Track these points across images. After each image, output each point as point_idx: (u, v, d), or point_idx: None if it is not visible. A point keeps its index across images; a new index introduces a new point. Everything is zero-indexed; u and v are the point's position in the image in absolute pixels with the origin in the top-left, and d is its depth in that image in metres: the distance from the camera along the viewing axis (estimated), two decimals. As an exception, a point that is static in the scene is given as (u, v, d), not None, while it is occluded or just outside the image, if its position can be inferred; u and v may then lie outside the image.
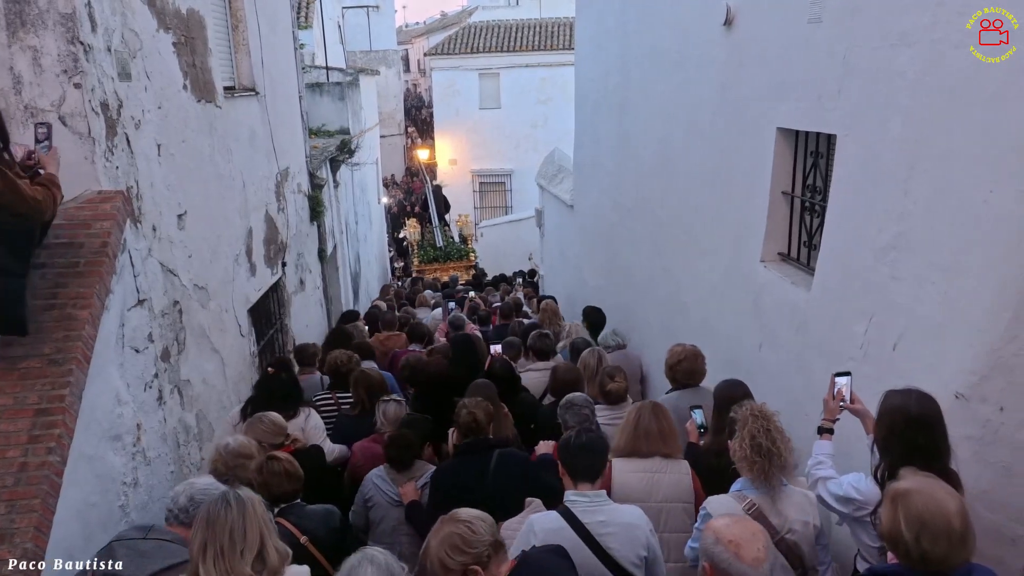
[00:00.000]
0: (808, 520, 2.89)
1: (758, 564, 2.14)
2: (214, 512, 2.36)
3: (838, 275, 3.91)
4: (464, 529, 2.30)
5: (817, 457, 3.10)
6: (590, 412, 3.96)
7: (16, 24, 3.55)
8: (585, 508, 2.79)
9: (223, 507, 2.36)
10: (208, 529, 2.33)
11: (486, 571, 2.27)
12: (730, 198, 5.36)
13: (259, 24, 6.96)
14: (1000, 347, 2.83)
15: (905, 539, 2.15)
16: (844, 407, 3.24)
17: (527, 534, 2.83)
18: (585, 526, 2.74)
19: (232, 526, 2.32)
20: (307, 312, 8.64)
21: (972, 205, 2.92)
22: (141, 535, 2.78)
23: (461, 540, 2.27)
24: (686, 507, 3.33)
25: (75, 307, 3.41)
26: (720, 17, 5.23)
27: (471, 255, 20.85)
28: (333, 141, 11.78)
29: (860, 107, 3.68)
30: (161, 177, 4.51)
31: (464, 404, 3.89)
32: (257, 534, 2.35)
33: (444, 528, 2.33)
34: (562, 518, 2.78)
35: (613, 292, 8.65)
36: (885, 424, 2.78)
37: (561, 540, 2.66)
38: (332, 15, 22.45)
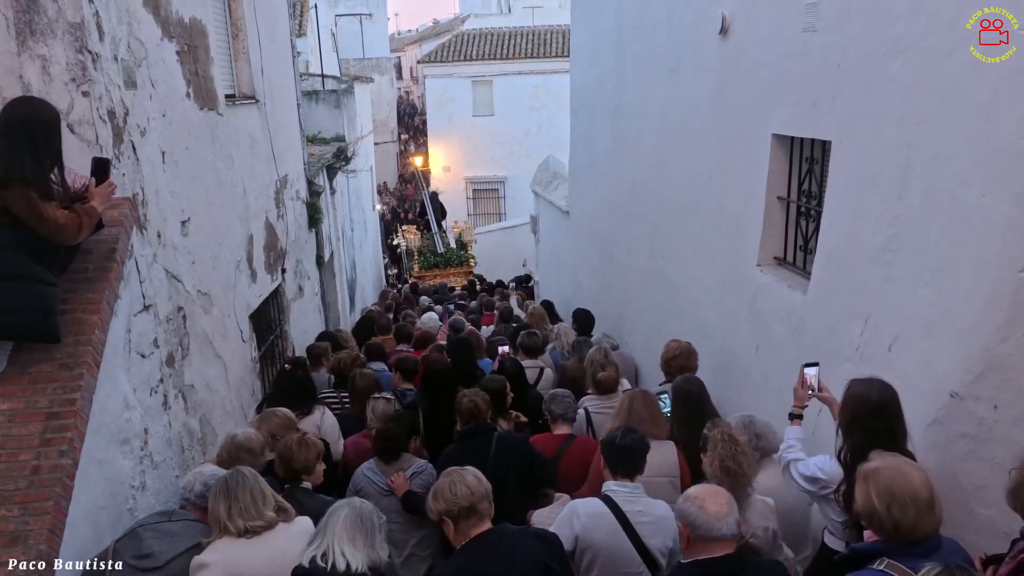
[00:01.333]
0: (768, 526, 3.10)
1: (721, 516, 2.41)
2: (232, 482, 2.85)
3: (834, 278, 3.98)
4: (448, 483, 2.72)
5: (788, 441, 3.35)
6: (572, 401, 4.34)
7: (26, 33, 3.60)
8: (625, 498, 3.06)
9: (239, 477, 2.85)
10: (231, 496, 2.82)
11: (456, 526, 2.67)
12: (726, 203, 5.44)
13: (259, 33, 7.01)
14: (993, 346, 2.90)
15: (878, 512, 2.34)
16: (813, 395, 3.49)
17: (569, 517, 3.09)
18: (625, 514, 3.00)
19: (251, 488, 2.82)
20: (306, 318, 8.67)
21: (964, 208, 3.00)
22: (165, 518, 3.11)
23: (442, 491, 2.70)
24: (672, 480, 3.64)
25: (85, 312, 3.45)
26: (716, 25, 5.32)
27: (471, 261, 20.94)
28: (329, 148, 11.84)
29: (854, 113, 3.76)
30: (165, 184, 4.56)
31: (465, 393, 4.16)
32: (271, 494, 2.86)
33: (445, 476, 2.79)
34: (604, 504, 3.03)
35: (609, 296, 8.72)
36: (848, 411, 2.98)
37: (603, 524, 2.95)
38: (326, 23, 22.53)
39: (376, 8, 35.52)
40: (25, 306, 3.17)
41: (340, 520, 2.54)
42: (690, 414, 3.85)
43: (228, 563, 2.80)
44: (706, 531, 2.41)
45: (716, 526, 2.40)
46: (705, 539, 2.42)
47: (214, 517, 2.90)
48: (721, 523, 2.40)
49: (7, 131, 3.13)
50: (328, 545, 2.50)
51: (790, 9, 4.35)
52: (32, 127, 3.16)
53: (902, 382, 3.36)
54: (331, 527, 2.53)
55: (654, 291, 7.16)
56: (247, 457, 3.66)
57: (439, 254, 21.00)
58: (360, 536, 2.51)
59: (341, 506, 2.61)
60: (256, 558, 2.77)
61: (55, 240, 3.26)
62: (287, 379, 5.04)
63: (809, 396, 3.50)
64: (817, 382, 3.52)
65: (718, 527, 2.40)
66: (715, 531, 2.40)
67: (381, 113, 31.47)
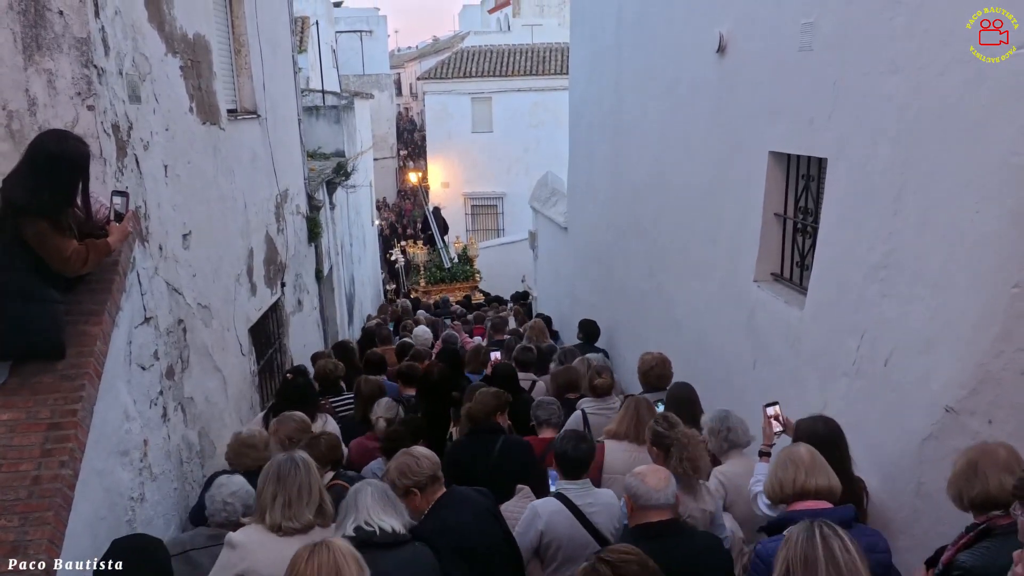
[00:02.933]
0: (706, 508, 3.48)
1: (659, 488, 2.87)
2: (284, 469, 2.86)
3: (830, 293, 4.02)
4: (412, 461, 3.15)
5: (756, 476, 3.61)
6: (557, 408, 4.76)
7: (32, 48, 3.64)
8: (576, 494, 3.47)
9: (292, 466, 2.86)
10: (279, 483, 2.83)
11: (423, 494, 3.13)
12: (723, 219, 5.48)
13: (261, 49, 7.08)
14: (987, 361, 2.94)
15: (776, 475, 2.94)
16: (781, 432, 3.69)
17: (532, 518, 3.45)
18: (579, 507, 3.41)
19: (300, 481, 2.83)
20: (305, 332, 8.70)
21: (959, 224, 3.04)
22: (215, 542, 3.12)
23: (408, 468, 3.13)
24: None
25: (87, 323, 3.48)
26: (713, 44, 5.39)
27: (476, 275, 21.02)
28: (329, 164, 11.90)
29: (850, 131, 3.81)
30: (168, 197, 4.59)
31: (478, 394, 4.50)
32: (318, 491, 2.87)
33: (400, 457, 3.22)
34: (560, 502, 3.44)
35: (607, 311, 8.75)
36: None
37: (562, 519, 3.38)
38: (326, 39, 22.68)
39: (376, 25, 35.83)
40: (35, 325, 3.25)
41: (368, 495, 2.84)
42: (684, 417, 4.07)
43: (254, 555, 2.81)
44: (646, 500, 2.87)
45: (655, 496, 2.86)
46: (645, 507, 2.88)
47: (259, 500, 2.91)
48: (659, 494, 2.86)
49: (33, 163, 3.24)
50: (366, 515, 2.79)
51: (787, 28, 4.41)
52: (58, 163, 3.26)
53: (898, 397, 3.40)
54: (362, 502, 2.82)
55: (652, 306, 7.19)
56: (251, 453, 3.92)
57: (446, 269, 21.08)
58: (389, 506, 2.86)
59: (363, 485, 2.92)
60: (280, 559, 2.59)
61: (58, 270, 3.35)
62: (290, 387, 5.20)
63: (777, 434, 3.71)
64: (782, 417, 3.72)
65: (656, 497, 2.86)
66: (653, 500, 2.86)
67: (381, 129, 31.62)
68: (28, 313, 3.24)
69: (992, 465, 2.59)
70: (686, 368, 5.69)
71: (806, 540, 2.15)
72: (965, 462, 2.66)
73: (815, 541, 2.13)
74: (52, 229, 3.26)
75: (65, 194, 3.34)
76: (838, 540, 2.14)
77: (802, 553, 2.13)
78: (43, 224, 3.22)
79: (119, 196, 3.64)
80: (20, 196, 3.19)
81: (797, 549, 2.15)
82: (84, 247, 3.38)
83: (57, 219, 3.28)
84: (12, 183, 3.24)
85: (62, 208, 3.32)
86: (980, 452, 2.66)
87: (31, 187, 3.20)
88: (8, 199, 3.22)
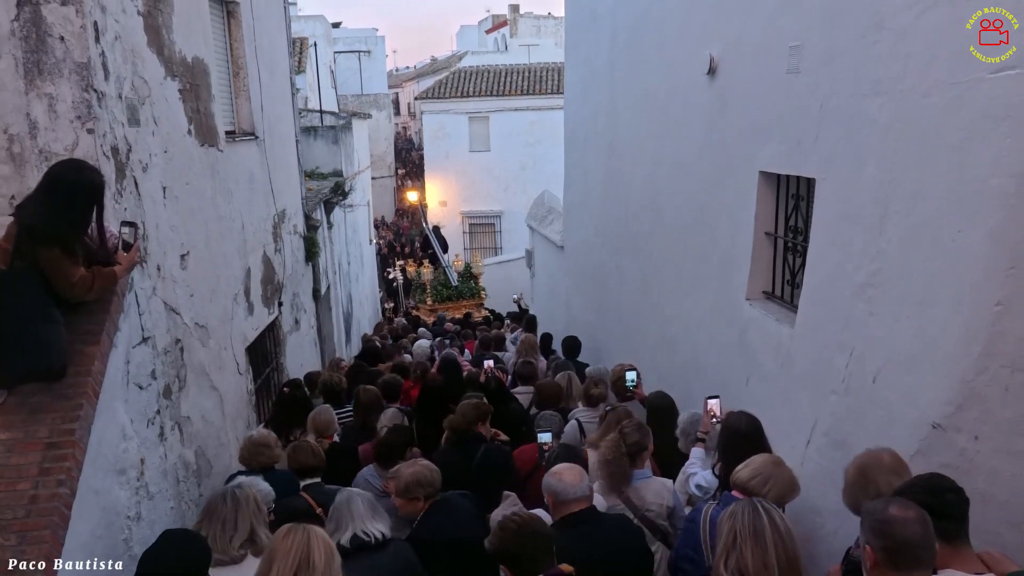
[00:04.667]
0: (662, 502, 3.81)
1: (574, 484, 3.18)
2: (213, 504, 3.05)
3: (819, 311, 4.07)
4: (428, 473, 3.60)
5: (692, 459, 4.19)
6: (559, 420, 5.12)
7: (34, 72, 3.71)
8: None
9: (220, 501, 3.02)
10: (208, 518, 3.02)
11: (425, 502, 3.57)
12: (715, 238, 5.55)
13: (259, 71, 7.17)
14: (972, 378, 2.98)
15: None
16: (716, 422, 4.12)
17: None
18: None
19: (226, 516, 2.96)
20: (302, 351, 8.73)
21: (942, 243, 3.10)
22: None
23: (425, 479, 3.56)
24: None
25: (85, 343, 3.52)
26: (704, 66, 5.48)
27: (481, 293, 21.12)
28: (327, 183, 11.98)
29: (836, 152, 3.88)
30: (166, 218, 4.65)
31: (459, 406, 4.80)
32: (248, 524, 2.97)
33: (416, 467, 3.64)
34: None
35: (602, 328, 8.80)
36: (723, 437, 3.64)
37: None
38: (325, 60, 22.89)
39: (375, 45, 36.13)
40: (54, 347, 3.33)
41: (359, 505, 3.22)
42: (661, 425, 4.53)
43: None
44: (564, 496, 3.17)
45: (571, 491, 3.17)
46: (565, 501, 3.18)
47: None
48: (575, 489, 3.17)
49: (51, 191, 3.33)
50: (361, 524, 3.16)
51: (775, 51, 4.49)
52: (75, 192, 3.35)
53: (886, 413, 3.44)
54: (355, 512, 3.19)
55: (647, 324, 7.24)
56: (265, 451, 4.29)
57: (452, 287, 21.18)
58: (377, 514, 3.25)
59: (351, 495, 3.31)
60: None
61: (63, 295, 3.42)
62: (288, 401, 5.53)
63: (713, 423, 4.16)
64: (720, 411, 4.17)
65: (572, 492, 3.17)
66: (570, 495, 3.17)
67: (379, 148, 31.79)
68: (46, 335, 3.32)
69: (879, 469, 2.87)
70: (681, 385, 5.73)
71: (752, 512, 2.41)
72: (855, 470, 2.93)
73: (760, 513, 2.40)
74: (63, 255, 3.34)
75: (80, 223, 3.43)
76: (776, 512, 2.43)
77: (750, 524, 2.38)
78: (55, 250, 3.31)
79: (128, 227, 3.71)
80: (37, 223, 3.28)
81: (745, 520, 2.40)
82: (91, 275, 3.45)
83: (71, 249, 3.37)
84: (29, 210, 3.32)
85: (76, 236, 3.41)
86: (868, 458, 2.93)
87: (47, 215, 3.29)
88: (25, 225, 3.30)
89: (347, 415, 6.07)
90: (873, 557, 2.25)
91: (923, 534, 2.20)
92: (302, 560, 2.47)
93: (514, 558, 2.64)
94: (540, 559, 2.63)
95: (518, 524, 2.71)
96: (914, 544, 2.19)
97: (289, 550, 2.48)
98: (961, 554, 2.42)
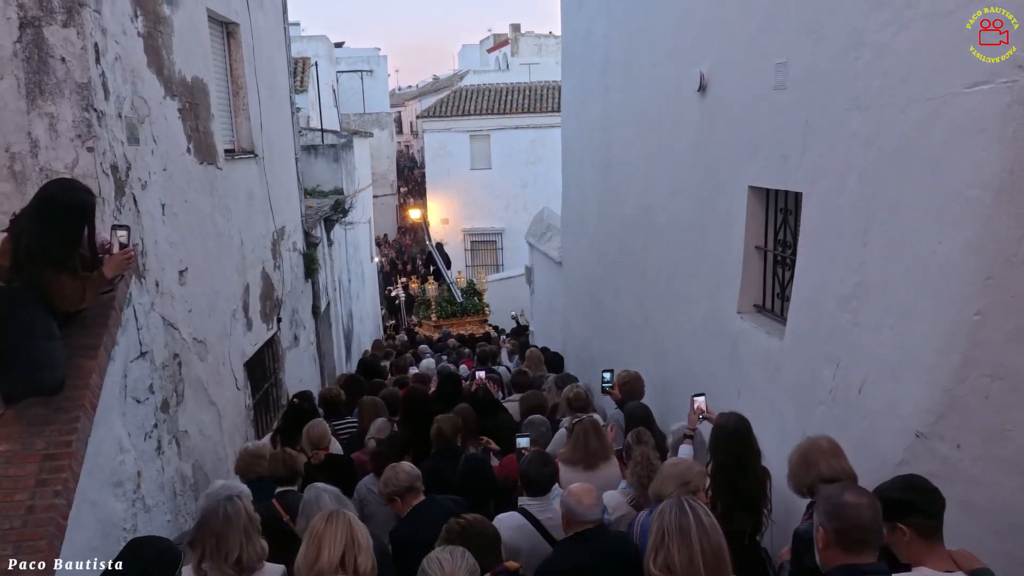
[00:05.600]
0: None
1: (590, 506, 3.34)
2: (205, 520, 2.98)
3: (807, 324, 4.12)
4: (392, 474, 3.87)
5: (681, 455, 4.23)
6: (546, 429, 5.27)
7: (35, 93, 3.81)
8: (536, 509, 3.94)
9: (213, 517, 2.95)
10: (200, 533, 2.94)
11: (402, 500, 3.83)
12: (706, 252, 5.61)
13: (259, 90, 7.28)
14: (953, 387, 3.03)
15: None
16: (703, 418, 4.33)
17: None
18: (539, 520, 3.88)
19: (218, 533, 2.88)
20: (301, 367, 8.78)
21: (922, 255, 3.16)
22: None
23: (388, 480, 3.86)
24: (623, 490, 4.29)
25: (83, 357, 3.58)
26: (694, 83, 5.56)
27: (485, 309, 21.23)
28: (327, 201, 12.08)
29: (821, 166, 3.95)
30: (164, 235, 4.73)
31: (436, 420, 5.00)
32: (238, 540, 2.90)
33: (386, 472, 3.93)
34: (523, 516, 3.91)
35: (599, 343, 8.85)
36: (714, 436, 3.76)
37: (524, 533, 3.83)
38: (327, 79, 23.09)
39: (377, 65, 36.40)
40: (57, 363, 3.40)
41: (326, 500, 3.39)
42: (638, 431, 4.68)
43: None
44: (579, 516, 3.35)
45: (586, 514, 3.34)
46: (579, 521, 3.36)
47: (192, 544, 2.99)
48: (590, 511, 3.35)
49: (42, 211, 3.41)
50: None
51: (762, 68, 4.57)
52: (66, 211, 3.44)
53: (871, 423, 3.49)
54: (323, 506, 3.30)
55: (641, 338, 7.28)
56: (260, 462, 4.37)
57: (457, 303, 21.28)
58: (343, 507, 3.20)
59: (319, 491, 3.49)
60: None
61: (57, 307, 3.50)
62: (296, 411, 5.70)
63: (699, 420, 4.36)
64: (706, 408, 4.39)
65: (587, 514, 3.34)
66: (584, 516, 3.34)
67: (381, 167, 31.97)
68: (45, 350, 3.39)
69: (819, 453, 3.19)
70: (674, 398, 5.78)
71: (678, 511, 2.47)
72: (798, 456, 3.25)
73: (686, 511, 2.46)
74: (57, 272, 3.42)
75: (72, 240, 3.50)
76: (702, 509, 2.49)
77: (676, 522, 2.43)
78: (48, 268, 3.40)
79: (122, 230, 3.76)
80: (30, 241, 3.36)
81: (672, 519, 2.46)
82: (81, 284, 3.52)
83: (63, 265, 3.45)
84: (23, 228, 3.40)
85: (70, 253, 3.49)
86: (808, 444, 3.26)
87: (40, 233, 3.37)
88: (21, 244, 3.38)
89: (346, 427, 6.17)
90: (825, 538, 2.42)
91: (872, 519, 2.39)
92: (348, 541, 2.66)
93: None
94: (485, 557, 2.83)
95: (462, 526, 3.04)
96: (864, 527, 2.37)
97: (336, 533, 2.66)
98: (935, 552, 2.55)
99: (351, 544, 2.66)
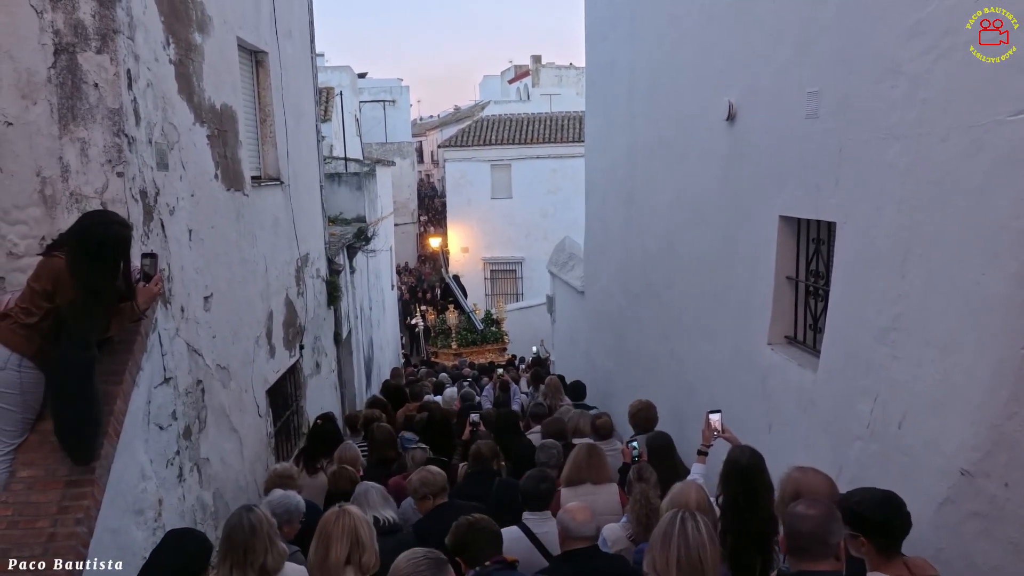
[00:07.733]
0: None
1: (584, 523, 3.48)
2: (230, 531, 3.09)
3: (842, 356, 4.02)
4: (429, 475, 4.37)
5: (693, 474, 4.34)
6: (557, 452, 5.35)
7: (68, 118, 3.83)
8: (535, 523, 4.14)
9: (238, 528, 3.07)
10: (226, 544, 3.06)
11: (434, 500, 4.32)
12: (734, 283, 5.53)
13: (285, 118, 7.34)
14: (1000, 423, 2.92)
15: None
16: (718, 436, 4.36)
17: None
18: (536, 535, 4.08)
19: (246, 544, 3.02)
20: (322, 395, 8.74)
21: (965, 287, 3.07)
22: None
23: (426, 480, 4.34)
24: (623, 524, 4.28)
25: (107, 383, 3.56)
26: (722, 112, 5.53)
27: (504, 338, 21.22)
28: (350, 228, 12.13)
29: (856, 196, 3.88)
30: (191, 261, 4.73)
31: (477, 443, 5.43)
32: (263, 547, 3.04)
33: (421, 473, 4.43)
34: (520, 531, 4.10)
35: (622, 374, 8.75)
36: (726, 470, 3.67)
37: (522, 545, 4.00)
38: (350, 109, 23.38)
39: (399, 95, 36.88)
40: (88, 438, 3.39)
41: (374, 495, 4.15)
42: (660, 461, 4.74)
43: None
44: (574, 532, 3.49)
45: (581, 530, 3.48)
46: (574, 537, 3.49)
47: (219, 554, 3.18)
48: (584, 527, 3.49)
49: (82, 243, 3.39)
50: (375, 511, 3.96)
51: (793, 96, 4.53)
52: (104, 244, 3.42)
53: (911, 460, 3.37)
54: (371, 500, 4.11)
55: (665, 370, 7.19)
56: (288, 482, 4.63)
57: (476, 332, 21.32)
58: (387, 504, 4.22)
59: (368, 487, 4.24)
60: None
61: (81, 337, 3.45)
62: (319, 431, 6.12)
63: (714, 437, 4.37)
64: (720, 426, 4.37)
65: (581, 530, 3.48)
66: (579, 532, 3.48)
67: (402, 195, 32.19)
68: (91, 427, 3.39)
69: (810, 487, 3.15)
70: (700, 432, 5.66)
71: (670, 519, 2.65)
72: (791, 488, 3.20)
73: (675, 522, 2.62)
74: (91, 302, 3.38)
75: (110, 273, 3.48)
76: (692, 521, 2.62)
77: (662, 531, 2.63)
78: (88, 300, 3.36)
79: (148, 258, 3.77)
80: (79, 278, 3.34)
81: (663, 526, 2.65)
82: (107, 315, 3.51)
83: (99, 296, 3.41)
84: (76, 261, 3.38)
85: (108, 285, 3.46)
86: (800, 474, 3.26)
87: (80, 265, 3.35)
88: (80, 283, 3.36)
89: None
90: (783, 544, 2.69)
91: (812, 531, 2.56)
92: (353, 540, 3.00)
93: (465, 547, 3.29)
94: (486, 549, 3.26)
95: (470, 522, 3.38)
96: (805, 535, 2.57)
97: (342, 532, 3.00)
98: (892, 561, 2.77)
99: (355, 543, 3.01)
